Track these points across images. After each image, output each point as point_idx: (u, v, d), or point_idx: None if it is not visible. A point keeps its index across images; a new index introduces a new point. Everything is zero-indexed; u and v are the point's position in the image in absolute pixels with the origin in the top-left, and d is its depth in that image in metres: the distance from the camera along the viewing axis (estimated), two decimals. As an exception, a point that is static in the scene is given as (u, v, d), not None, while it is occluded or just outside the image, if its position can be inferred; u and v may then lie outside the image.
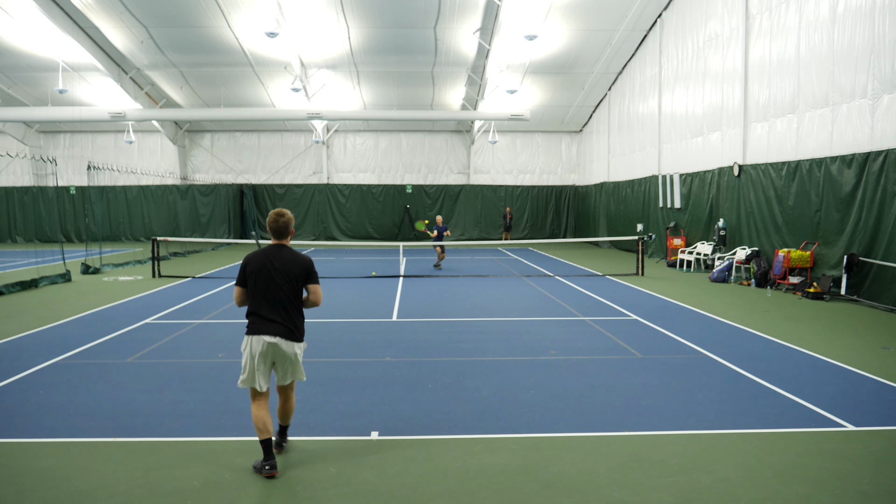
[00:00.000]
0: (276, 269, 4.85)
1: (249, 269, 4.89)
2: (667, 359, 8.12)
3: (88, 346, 8.78)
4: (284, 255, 4.92)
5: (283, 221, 4.94)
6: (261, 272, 4.85)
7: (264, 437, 4.72)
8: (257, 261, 4.89)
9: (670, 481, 4.61)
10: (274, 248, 4.95)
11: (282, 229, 4.96)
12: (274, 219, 4.94)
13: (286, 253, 4.94)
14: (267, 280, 4.84)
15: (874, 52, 12.07)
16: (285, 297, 4.86)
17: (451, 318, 10.93)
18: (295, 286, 4.91)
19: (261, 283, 4.85)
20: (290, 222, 5.01)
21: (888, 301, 11.53)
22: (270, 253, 4.92)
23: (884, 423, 5.76)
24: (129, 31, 22.49)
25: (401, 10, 21.02)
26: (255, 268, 4.87)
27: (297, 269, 4.90)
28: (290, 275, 4.88)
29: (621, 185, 25.91)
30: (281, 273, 4.85)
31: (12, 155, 27.74)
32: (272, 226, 4.94)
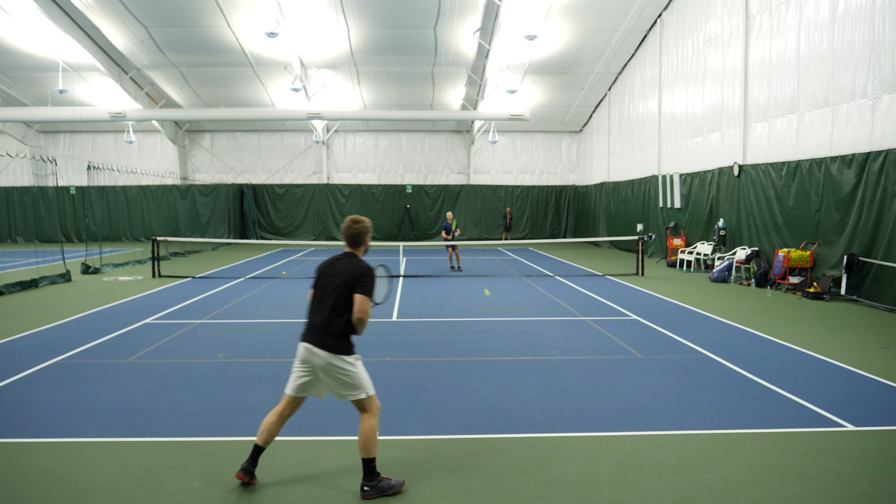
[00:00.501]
0: (330, 275, 4.55)
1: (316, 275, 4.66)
2: (667, 359, 8.11)
3: (88, 346, 8.78)
4: (342, 263, 4.57)
5: (355, 228, 4.61)
6: (319, 279, 4.61)
7: (255, 442, 4.60)
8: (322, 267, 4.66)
9: (670, 481, 4.61)
10: (340, 256, 4.65)
11: (353, 236, 4.63)
12: (348, 224, 4.63)
13: (347, 261, 4.57)
14: (322, 287, 4.57)
15: (874, 52, 12.07)
16: (331, 306, 4.49)
17: (451, 318, 10.93)
18: (342, 294, 4.47)
19: (318, 289, 4.61)
20: (363, 231, 4.62)
21: (888, 301, 11.52)
22: (335, 259, 4.64)
23: (884, 423, 5.76)
24: (129, 31, 22.49)
25: (401, 10, 21.02)
26: (319, 273, 4.63)
27: (347, 276, 4.48)
28: (338, 282, 4.49)
29: (621, 185, 25.91)
30: (332, 280, 4.52)
31: (12, 155, 27.73)
32: (345, 232, 4.63)
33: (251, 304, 12.52)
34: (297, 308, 12.02)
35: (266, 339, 9.32)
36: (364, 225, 4.63)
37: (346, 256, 4.61)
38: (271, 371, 7.52)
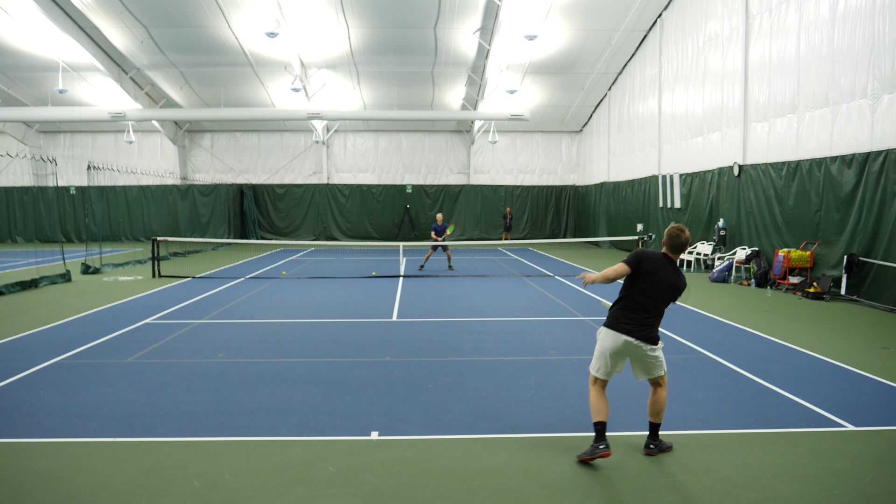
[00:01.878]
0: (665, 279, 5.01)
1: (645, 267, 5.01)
2: (667, 359, 8.08)
3: (88, 346, 8.78)
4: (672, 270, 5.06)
5: (684, 238, 5.05)
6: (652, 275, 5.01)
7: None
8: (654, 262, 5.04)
9: (670, 481, 4.61)
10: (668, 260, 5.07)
11: (683, 245, 5.07)
12: (676, 234, 5.03)
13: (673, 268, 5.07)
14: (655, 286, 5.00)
15: (874, 52, 12.07)
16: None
17: (451, 318, 10.93)
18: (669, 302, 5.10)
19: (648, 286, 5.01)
20: (688, 241, 5.11)
21: (888, 301, 11.52)
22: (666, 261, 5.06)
23: (884, 423, 5.76)
24: (129, 31, 22.49)
25: (401, 10, 21.02)
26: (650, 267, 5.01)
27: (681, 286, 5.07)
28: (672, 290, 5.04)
29: (621, 185, 25.91)
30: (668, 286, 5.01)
31: (12, 155, 27.75)
32: (674, 242, 5.04)
33: (251, 304, 12.52)
34: (297, 308, 12.03)
35: (266, 339, 9.33)
36: (688, 235, 5.13)
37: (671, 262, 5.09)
38: (271, 371, 7.52)
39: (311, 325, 10.44)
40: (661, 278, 4.95)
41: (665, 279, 4.95)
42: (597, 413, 4.91)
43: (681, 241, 5.00)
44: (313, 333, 9.72)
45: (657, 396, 5.06)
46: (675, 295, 5.02)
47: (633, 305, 4.99)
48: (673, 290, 4.99)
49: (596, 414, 4.91)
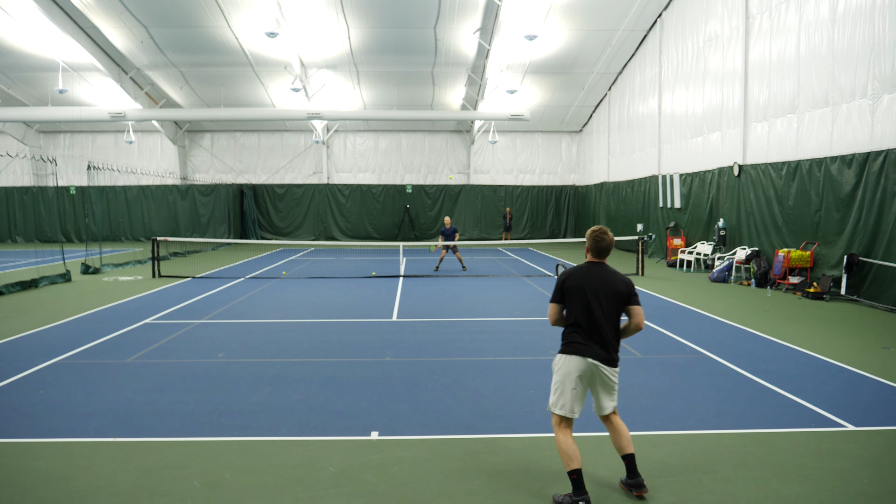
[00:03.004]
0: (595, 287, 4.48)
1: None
2: (667, 359, 8.11)
3: (88, 346, 8.78)
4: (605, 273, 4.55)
5: (608, 240, 4.57)
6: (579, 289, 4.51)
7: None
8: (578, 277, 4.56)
9: (670, 481, 4.61)
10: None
11: (607, 248, 4.57)
12: (600, 237, 4.55)
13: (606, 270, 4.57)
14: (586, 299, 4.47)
15: (874, 52, 12.07)
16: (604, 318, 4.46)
17: (451, 318, 10.93)
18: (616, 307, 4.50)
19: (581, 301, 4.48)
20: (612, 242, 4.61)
21: (888, 301, 11.52)
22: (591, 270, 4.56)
23: (884, 423, 5.76)
24: (129, 31, 22.49)
25: (401, 10, 21.02)
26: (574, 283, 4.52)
27: (621, 287, 4.48)
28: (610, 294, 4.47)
29: (621, 185, 25.91)
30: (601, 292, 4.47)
31: (12, 155, 27.77)
32: (598, 245, 4.56)
33: (251, 304, 12.52)
34: (297, 308, 12.03)
35: (266, 339, 9.32)
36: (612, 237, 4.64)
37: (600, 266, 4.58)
38: (271, 371, 7.52)
39: (311, 325, 10.44)
40: (592, 288, 4.42)
41: (597, 287, 4.42)
42: (569, 459, 4.26)
43: (604, 244, 4.52)
44: (313, 333, 9.72)
45: (620, 426, 4.55)
46: (617, 298, 4.43)
47: (580, 329, 4.44)
48: (613, 295, 4.43)
49: (569, 461, 4.26)
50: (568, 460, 4.27)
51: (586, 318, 4.42)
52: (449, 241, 17.87)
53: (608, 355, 4.42)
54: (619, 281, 4.47)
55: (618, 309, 4.47)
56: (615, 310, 4.45)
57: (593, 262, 4.58)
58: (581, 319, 4.43)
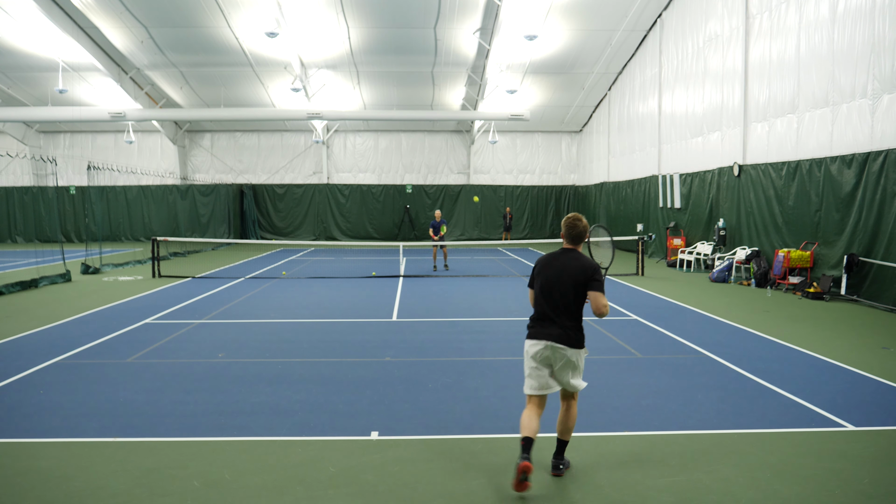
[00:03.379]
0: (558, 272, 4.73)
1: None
2: (667, 359, 8.12)
3: (88, 346, 8.78)
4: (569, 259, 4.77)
5: (581, 227, 4.81)
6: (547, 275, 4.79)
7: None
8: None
9: (670, 481, 4.61)
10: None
11: (581, 234, 4.82)
12: (573, 223, 4.81)
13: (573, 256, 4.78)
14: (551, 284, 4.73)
15: (874, 52, 12.07)
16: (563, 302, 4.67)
17: (451, 318, 10.93)
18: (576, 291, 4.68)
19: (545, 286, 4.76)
20: (586, 228, 4.85)
21: (888, 301, 11.52)
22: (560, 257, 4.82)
23: (884, 423, 5.76)
24: (129, 31, 22.49)
25: (401, 10, 21.02)
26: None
27: (578, 273, 4.67)
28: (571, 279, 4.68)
29: (621, 185, 25.91)
30: (564, 277, 4.69)
31: (12, 155, 27.75)
32: (571, 231, 4.81)
33: (251, 304, 12.52)
34: (297, 308, 12.03)
35: (266, 339, 9.32)
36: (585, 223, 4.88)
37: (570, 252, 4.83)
38: (271, 371, 7.52)
39: (311, 325, 10.44)
40: (555, 272, 4.68)
41: (561, 271, 4.66)
42: (522, 429, 4.54)
43: (578, 230, 4.76)
44: (313, 333, 9.72)
45: (570, 413, 4.75)
46: (574, 283, 4.62)
47: (542, 311, 4.72)
48: (570, 280, 4.62)
49: (522, 430, 4.55)
50: (521, 429, 4.56)
51: (544, 302, 4.71)
52: (436, 233, 17.98)
53: (565, 336, 4.62)
54: (579, 266, 4.67)
55: (575, 293, 4.65)
56: (572, 294, 4.65)
57: (566, 248, 4.84)
58: (540, 303, 4.74)
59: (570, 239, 4.80)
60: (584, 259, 4.73)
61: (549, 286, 4.69)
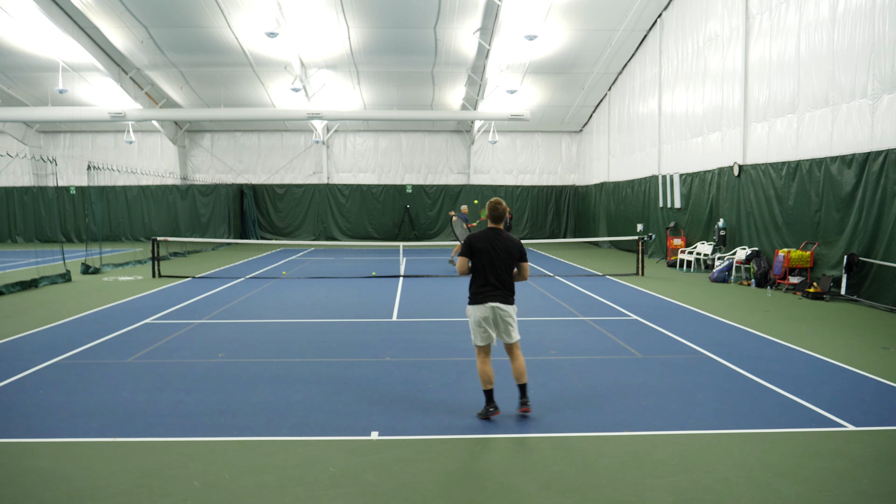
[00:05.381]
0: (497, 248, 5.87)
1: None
2: (667, 359, 8.12)
3: (88, 346, 8.78)
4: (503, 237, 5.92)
5: (501, 209, 5.98)
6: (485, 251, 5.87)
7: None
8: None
9: (670, 481, 4.61)
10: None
11: (502, 214, 5.99)
12: (494, 206, 5.95)
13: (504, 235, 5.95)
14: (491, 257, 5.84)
15: (874, 52, 12.07)
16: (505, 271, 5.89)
17: (451, 318, 10.92)
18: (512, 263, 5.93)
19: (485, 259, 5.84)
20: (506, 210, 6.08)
21: (888, 301, 11.52)
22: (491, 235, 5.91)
23: (884, 423, 5.76)
24: (129, 31, 22.49)
25: (401, 10, 21.02)
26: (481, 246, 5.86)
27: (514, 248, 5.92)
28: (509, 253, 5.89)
29: (621, 185, 25.91)
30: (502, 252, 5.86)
31: (12, 155, 27.74)
32: (494, 213, 5.97)
33: (251, 304, 12.52)
34: (297, 308, 12.03)
35: (266, 339, 9.33)
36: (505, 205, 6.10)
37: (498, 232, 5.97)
38: (271, 371, 7.52)
39: (311, 325, 10.44)
40: (494, 248, 5.80)
41: (498, 248, 5.81)
42: (486, 381, 5.78)
43: (499, 211, 5.95)
44: (313, 333, 9.72)
45: (518, 362, 5.92)
46: (509, 257, 5.84)
47: (483, 279, 5.81)
48: (507, 255, 5.82)
49: (485, 382, 5.78)
50: (485, 383, 5.81)
51: (490, 272, 5.80)
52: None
53: (505, 298, 5.85)
54: (515, 243, 5.93)
55: (511, 264, 5.90)
56: (510, 265, 5.89)
57: (492, 227, 5.97)
58: (485, 273, 5.81)
59: (494, 219, 5.98)
60: (514, 237, 5.95)
61: (496, 259, 5.79)
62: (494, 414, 5.77)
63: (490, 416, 5.78)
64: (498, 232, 5.90)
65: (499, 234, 5.88)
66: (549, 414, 6.04)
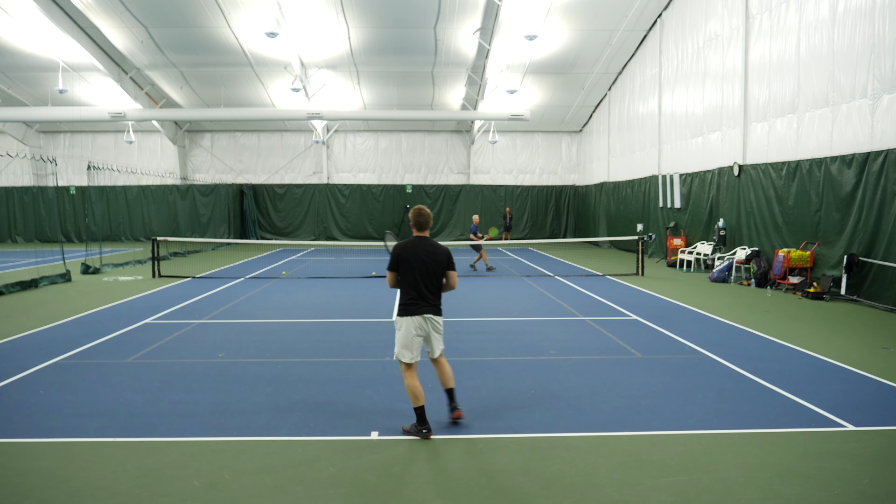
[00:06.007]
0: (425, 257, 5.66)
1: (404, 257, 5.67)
2: (667, 359, 8.12)
3: (88, 346, 8.78)
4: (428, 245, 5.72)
5: (425, 214, 5.77)
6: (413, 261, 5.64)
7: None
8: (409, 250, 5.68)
9: (670, 481, 4.61)
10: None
11: (427, 221, 5.78)
12: (417, 213, 5.74)
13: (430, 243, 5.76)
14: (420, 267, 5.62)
15: (874, 52, 12.07)
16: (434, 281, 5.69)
17: (451, 318, 10.91)
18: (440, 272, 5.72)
19: (414, 269, 5.61)
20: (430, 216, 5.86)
21: (888, 301, 11.52)
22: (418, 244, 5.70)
23: (884, 423, 5.76)
24: (129, 31, 22.49)
25: (401, 10, 21.02)
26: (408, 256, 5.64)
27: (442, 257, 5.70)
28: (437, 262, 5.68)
29: (621, 185, 25.91)
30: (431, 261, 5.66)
31: (12, 155, 27.75)
32: (418, 220, 5.75)
33: (251, 304, 12.52)
34: (297, 308, 12.03)
35: (266, 339, 9.33)
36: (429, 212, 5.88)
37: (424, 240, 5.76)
38: (271, 371, 7.52)
39: (311, 325, 10.44)
40: (419, 258, 5.57)
41: (424, 257, 5.59)
42: (416, 398, 5.43)
43: (423, 218, 5.72)
44: (313, 333, 9.72)
45: (445, 367, 5.79)
46: (438, 266, 5.63)
47: (415, 290, 5.58)
48: (437, 264, 5.62)
49: (416, 399, 5.43)
50: (415, 399, 5.45)
51: (419, 282, 5.57)
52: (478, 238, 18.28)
53: (435, 308, 5.67)
54: (443, 251, 5.70)
55: (440, 273, 5.67)
56: (439, 274, 5.67)
57: (419, 235, 5.74)
58: (414, 283, 5.57)
59: (420, 227, 5.74)
60: (440, 245, 5.71)
61: (425, 269, 5.58)
62: (428, 436, 5.38)
63: (424, 436, 5.38)
64: (425, 240, 5.70)
65: (426, 242, 5.67)
66: (549, 414, 6.04)
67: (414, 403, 5.44)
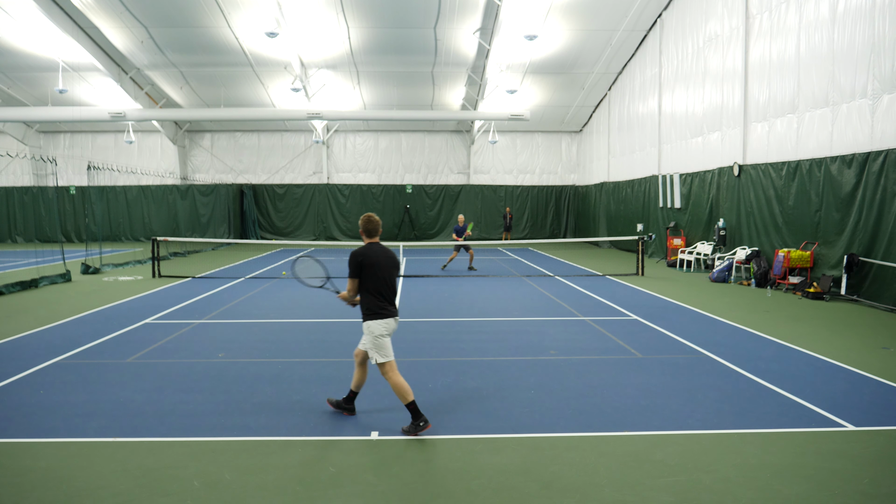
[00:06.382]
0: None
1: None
2: (667, 359, 8.12)
3: (88, 346, 8.78)
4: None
5: (375, 220, 5.90)
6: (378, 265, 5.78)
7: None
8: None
9: (670, 481, 4.61)
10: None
11: (377, 227, 5.91)
12: (368, 220, 5.87)
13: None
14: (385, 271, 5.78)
15: (874, 52, 12.07)
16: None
17: (451, 318, 10.93)
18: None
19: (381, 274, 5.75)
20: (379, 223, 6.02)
21: (888, 301, 11.52)
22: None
23: (884, 423, 5.76)
24: (129, 31, 22.49)
25: (401, 10, 21.02)
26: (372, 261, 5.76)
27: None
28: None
29: (621, 185, 25.91)
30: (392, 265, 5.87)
31: (12, 155, 27.74)
32: (368, 227, 5.86)
33: (251, 304, 12.52)
34: (297, 308, 12.03)
35: (266, 339, 9.33)
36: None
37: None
38: (271, 371, 7.52)
39: (311, 325, 10.44)
40: (389, 263, 5.78)
41: (384, 262, 5.74)
42: (407, 394, 5.50)
43: (372, 224, 5.85)
44: (313, 333, 9.72)
45: (366, 372, 5.96)
46: (397, 269, 5.87)
47: (380, 294, 5.70)
48: (395, 267, 5.84)
49: (405, 395, 5.50)
50: (405, 395, 5.51)
51: (385, 287, 5.73)
52: (460, 237, 18.01)
53: (396, 309, 5.85)
54: (394, 255, 5.90)
55: (396, 276, 5.88)
56: (396, 276, 5.87)
57: (372, 241, 5.84)
58: (379, 287, 5.70)
59: (371, 234, 5.86)
60: (388, 249, 5.89)
61: (388, 274, 5.74)
62: (426, 428, 5.43)
63: (421, 431, 5.43)
64: (380, 245, 5.83)
65: (381, 247, 5.81)
66: (550, 413, 6.04)
67: (404, 400, 5.49)
